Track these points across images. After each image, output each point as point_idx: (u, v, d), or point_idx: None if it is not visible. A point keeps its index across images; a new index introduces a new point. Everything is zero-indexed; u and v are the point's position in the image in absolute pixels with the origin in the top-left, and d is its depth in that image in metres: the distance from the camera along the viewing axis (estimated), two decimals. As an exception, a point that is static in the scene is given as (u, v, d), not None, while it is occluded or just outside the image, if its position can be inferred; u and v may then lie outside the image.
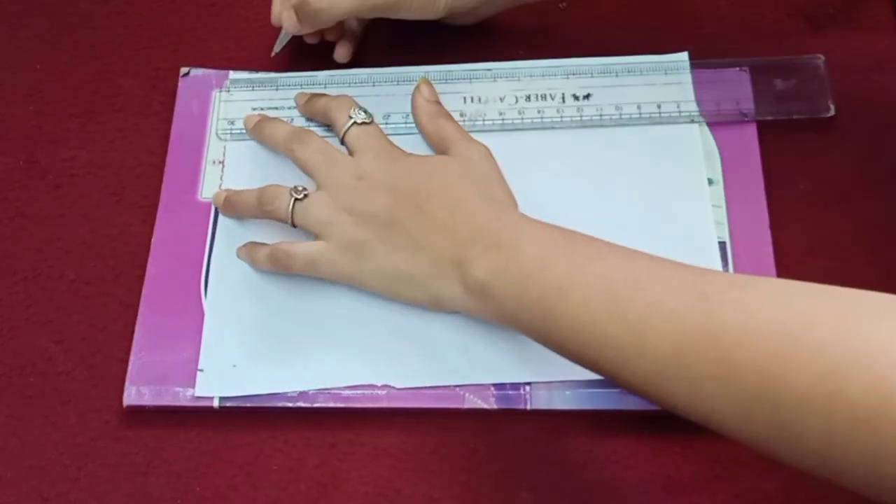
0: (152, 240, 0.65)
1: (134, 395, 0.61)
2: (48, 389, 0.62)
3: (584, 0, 0.75)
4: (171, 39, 0.73)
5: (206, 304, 0.64)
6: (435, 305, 0.62)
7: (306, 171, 0.64)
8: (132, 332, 0.62)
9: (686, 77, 0.70)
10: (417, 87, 0.68)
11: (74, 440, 0.61)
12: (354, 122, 0.65)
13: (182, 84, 0.71)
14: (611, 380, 0.54)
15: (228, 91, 0.70)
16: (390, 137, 0.66)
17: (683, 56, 0.71)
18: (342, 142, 0.65)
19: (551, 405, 0.61)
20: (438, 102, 0.68)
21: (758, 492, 0.59)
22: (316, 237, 0.62)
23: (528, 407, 0.61)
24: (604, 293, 0.53)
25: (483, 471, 0.60)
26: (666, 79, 0.70)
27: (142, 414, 0.61)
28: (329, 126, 0.68)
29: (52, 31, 0.74)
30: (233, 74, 0.71)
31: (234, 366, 0.62)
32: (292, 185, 0.63)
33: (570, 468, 0.60)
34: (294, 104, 0.69)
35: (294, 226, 0.63)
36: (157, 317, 0.63)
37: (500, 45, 0.73)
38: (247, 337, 0.63)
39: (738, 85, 0.70)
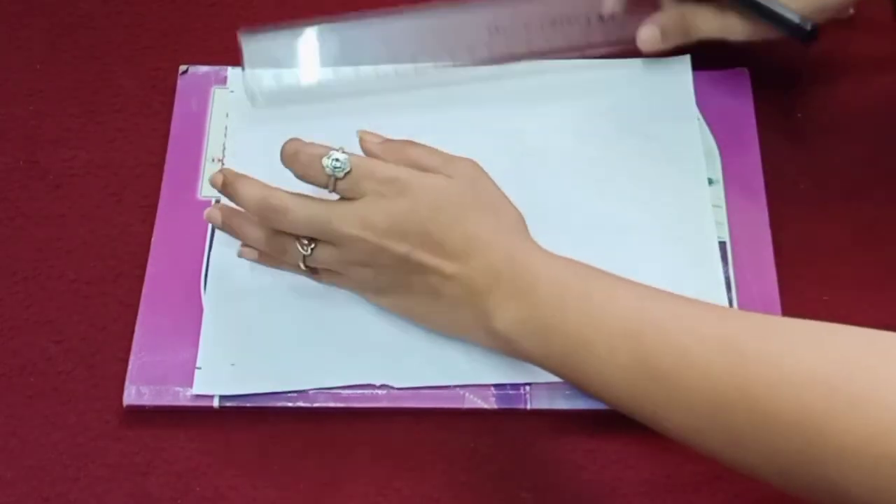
0: (152, 239, 0.65)
1: (134, 394, 0.61)
2: (48, 389, 0.62)
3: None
4: (171, 39, 0.73)
5: (205, 301, 0.64)
6: (457, 337, 0.61)
7: (308, 234, 0.60)
8: (132, 332, 0.62)
9: (687, 78, 0.70)
10: (361, 140, 0.62)
11: (74, 440, 0.61)
12: (336, 178, 0.59)
13: (181, 82, 0.71)
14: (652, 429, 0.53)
15: (228, 89, 0.71)
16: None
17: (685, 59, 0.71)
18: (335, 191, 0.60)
19: (551, 405, 0.61)
20: (388, 139, 0.63)
21: (757, 492, 0.59)
22: None
23: (528, 407, 0.61)
24: (629, 344, 0.52)
25: (483, 471, 0.60)
26: (667, 79, 0.70)
27: (142, 414, 0.61)
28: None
29: (52, 31, 0.74)
30: (231, 70, 0.71)
31: (233, 364, 0.62)
32: (297, 238, 0.60)
33: (570, 468, 0.60)
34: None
35: (308, 269, 0.62)
36: (157, 317, 0.63)
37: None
38: (245, 335, 0.63)
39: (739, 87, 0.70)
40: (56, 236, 0.67)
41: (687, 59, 0.71)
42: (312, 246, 0.60)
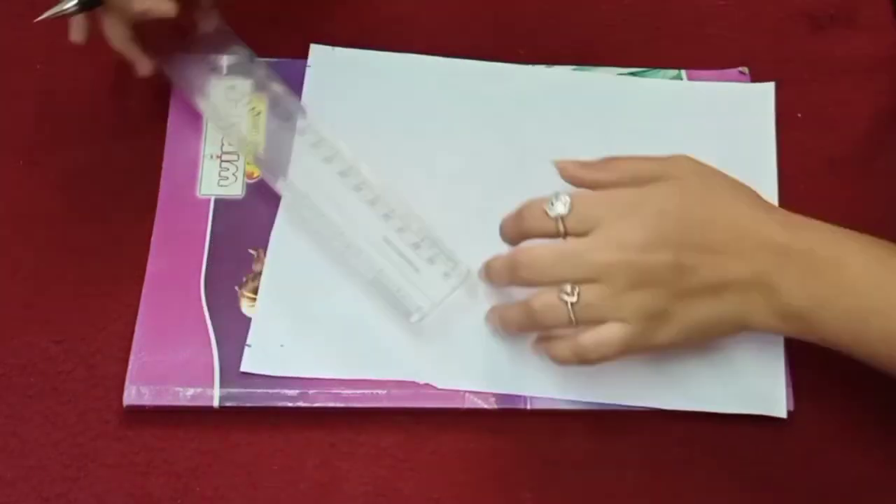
0: (152, 238, 0.65)
1: (134, 394, 0.61)
2: (48, 389, 0.62)
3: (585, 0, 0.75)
4: (171, 39, 0.73)
5: (262, 281, 0.64)
6: (740, 333, 0.58)
7: (564, 277, 0.55)
8: (132, 332, 0.62)
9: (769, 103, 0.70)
10: (562, 170, 0.59)
11: (74, 440, 0.61)
12: (561, 217, 0.56)
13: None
14: None
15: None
16: None
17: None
18: (566, 236, 0.56)
19: (551, 405, 0.61)
20: (586, 162, 0.59)
21: (757, 492, 0.59)
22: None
23: (528, 407, 0.61)
24: None
25: (483, 471, 0.60)
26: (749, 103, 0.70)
27: (142, 414, 0.61)
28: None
29: (52, 31, 0.74)
30: (228, 58, 0.70)
31: (282, 345, 0.62)
32: (558, 290, 0.55)
33: (570, 468, 0.60)
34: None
35: (578, 324, 0.56)
36: (157, 317, 0.63)
37: (501, 45, 0.73)
38: (297, 318, 0.63)
39: None
40: (56, 236, 0.67)
41: (771, 85, 0.70)
42: (578, 290, 0.55)
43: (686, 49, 0.72)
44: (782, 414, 0.61)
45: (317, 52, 0.71)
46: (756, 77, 0.71)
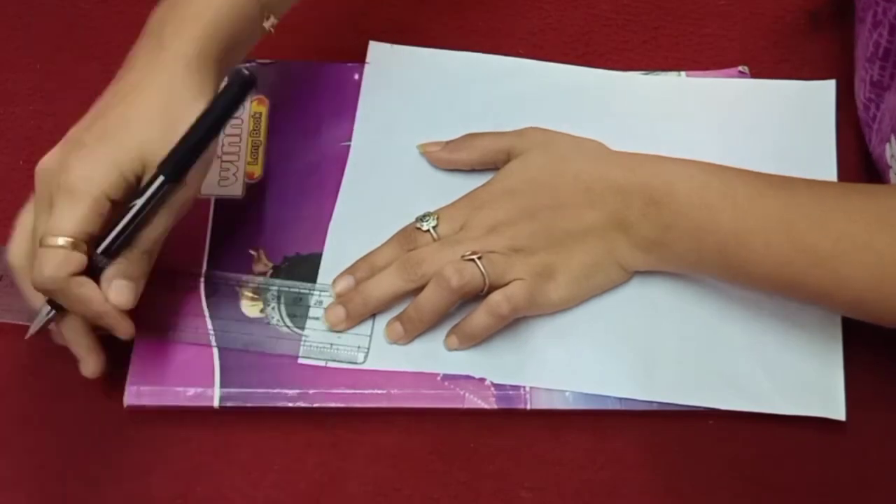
0: (152, 238, 0.65)
1: (134, 395, 0.61)
2: (48, 389, 0.62)
3: (585, 0, 0.75)
4: (171, 39, 0.73)
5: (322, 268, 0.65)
6: (627, 274, 0.63)
7: (449, 265, 0.60)
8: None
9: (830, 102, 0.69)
10: (427, 153, 0.68)
11: (74, 440, 0.61)
12: (432, 228, 0.63)
13: None
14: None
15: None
16: None
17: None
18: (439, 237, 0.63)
19: (551, 405, 0.61)
20: (447, 142, 0.67)
21: (757, 492, 0.59)
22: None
23: (528, 407, 0.61)
24: (784, 234, 0.55)
25: (483, 471, 0.60)
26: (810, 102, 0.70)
27: (142, 414, 0.61)
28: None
29: (52, 31, 0.74)
30: None
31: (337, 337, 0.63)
32: (452, 259, 0.61)
33: (570, 468, 0.60)
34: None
35: (487, 289, 0.61)
36: (157, 317, 0.63)
37: (501, 45, 0.73)
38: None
39: None
40: (56, 236, 0.66)
41: (832, 83, 0.70)
42: (479, 255, 0.60)
43: (686, 49, 0.73)
44: (841, 416, 0.60)
45: (375, 49, 0.72)
46: (757, 76, 0.71)
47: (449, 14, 0.74)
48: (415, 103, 0.71)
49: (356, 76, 0.72)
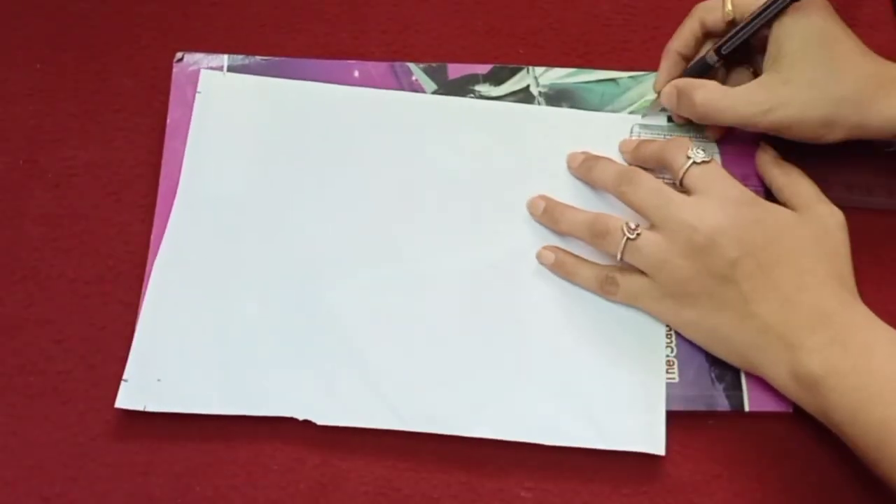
0: (152, 238, 0.65)
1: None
2: (48, 389, 0.62)
3: (585, 0, 0.75)
4: (171, 39, 0.73)
5: (143, 308, 0.62)
6: (750, 371, 0.59)
7: (640, 212, 0.60)
8: (132, 332, 0.62)
9: None
10: (763, 151, 0.65)
11: (74, 440, 0.61)
12: (693, 162, 0.60)
13: (176, 69, 0.70)
14: None
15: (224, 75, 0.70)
16: None
17: None
18: (680, 184, 0.61)
19: (550, 405, 0.61)
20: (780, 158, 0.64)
21: (758, 492, 0.59)
22: (643, 272, 0.60)
23: (528, 407, 0.61)
24: None
25: (483, 471, 0.60)
26: None
27: (142, 414, 0.61)
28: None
29: (52, 31, 0.74)
30: (229, 59, 0.70)
31: (159, 380, 0.61)
32: (624, 222, 0.60)
33: (570, 468, 0.60)
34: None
35: (621, 261, 0.60)
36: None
37: (501, 45, 0.73)
38: (175, 352, 0.61)
39: None
40: (55, 236, 0.67)
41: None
42: (638, 231, 0.59)
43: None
44: (661, 451, 0.59)
45: (207, 78, 0.69)
46: (757, 76, 0.71)
47: (449, 14, 0.74)
48: (245, 133, 0.68)
49: (356, 73, 0.71)
